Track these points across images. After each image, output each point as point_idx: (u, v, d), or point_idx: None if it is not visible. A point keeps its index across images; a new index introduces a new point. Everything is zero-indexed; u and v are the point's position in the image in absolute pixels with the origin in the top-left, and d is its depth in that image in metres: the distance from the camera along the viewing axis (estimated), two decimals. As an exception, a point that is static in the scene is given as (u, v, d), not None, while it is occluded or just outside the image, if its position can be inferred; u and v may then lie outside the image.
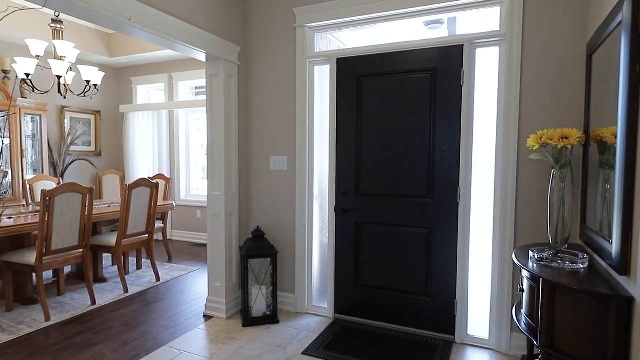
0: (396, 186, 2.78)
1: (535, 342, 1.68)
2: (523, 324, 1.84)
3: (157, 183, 3.83)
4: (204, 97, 5.57)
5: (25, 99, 4.63)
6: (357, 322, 2.94)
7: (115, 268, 4.20)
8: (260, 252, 2.89)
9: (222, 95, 2.95)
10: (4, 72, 4.64)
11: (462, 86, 2.54)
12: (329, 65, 2.96)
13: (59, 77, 3.47)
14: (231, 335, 2.72)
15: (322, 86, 3.09)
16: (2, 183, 4.54)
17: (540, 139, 2.00)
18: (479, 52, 2.55)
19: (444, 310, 2.69)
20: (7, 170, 4.59)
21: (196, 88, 5.87)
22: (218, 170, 3.01)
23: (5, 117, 4.49)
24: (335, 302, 3.02)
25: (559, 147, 1.93)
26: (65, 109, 5.44)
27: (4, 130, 4.52)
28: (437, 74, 2.61)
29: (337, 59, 2.90)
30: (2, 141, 4.41)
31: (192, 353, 2.49)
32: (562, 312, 1.56)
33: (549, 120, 2.34)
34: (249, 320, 2.90)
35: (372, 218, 2.87)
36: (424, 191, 2.69)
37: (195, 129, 5.89)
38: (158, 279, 3.89)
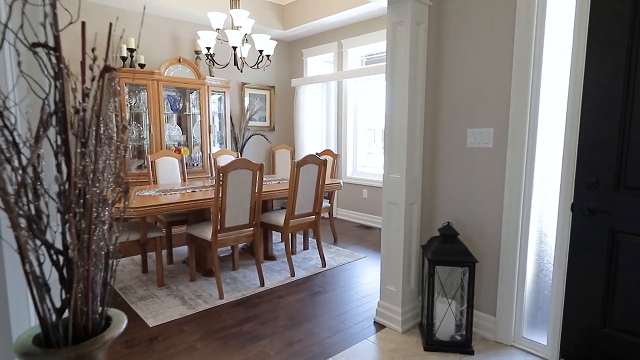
0: None
1: None
2: None
3: (325, 160, 3.46)
4: (374, 65, 4.98)
5: (212, 77, 4.90)
6: (601, 380, 1.94)
7: (284, 245, 4.12)
8: (452, 259, 2.16)
9: (407, 49, 2.25)
10: (196, 52, 5.00)
11: None
12: (575, -14, 1.91)
13: (234, 48, 3.36)
14: (411, 361, 2.12)
15: (554, 23, 2.06)
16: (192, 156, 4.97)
17: None
18: None
19: None
20: (198, 143, 5.01)
21: (367, 56, 5.34)
22: (398, 147, 2.37)
23: (197, 94, 4.85)
24: (562, 341, 2.07)
25: None
26: (245, 85, 5.67)
27: (197, 107, 4.91)
28: None
29: (596, -29, 1.82)
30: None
31: (363, 377, 1.99)
32: None
33: None
34: (432, 342, 2.23)
35: (645, 227, 1.78)
36: None
37: (363, 101, 5.41)
38: (324, 264, 3.59)
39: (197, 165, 5.03)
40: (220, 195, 2.79)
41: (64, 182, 0.86)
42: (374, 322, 2.56)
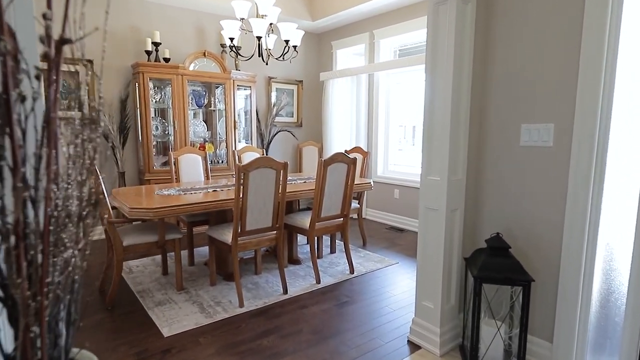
0: None
1: None
2: None
3: (355, 158, 3.19)
4: (410, 57, 4.65)
5: (238, 71, 4.73)
6: None
7: (309, 247, 3.89)
8: (502, 276, 1.85)
9: (452, 32, 1.95)
10: (222, 46, 4.84)
11: None
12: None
13: (259, 39, 3.15)
14: (452, 393, 1.84)
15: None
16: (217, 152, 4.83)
17: None
18: None
19: None
20: (224, 140, 4.86)
21: (399, 48, 5.00)
22: (438, 145, 2.07)
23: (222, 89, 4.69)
24: (637, 380, 1.73)
25: None
26: (272, 79, 5.47)
27: (222, 102, 4.76)
28: None
29: None
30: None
31: (396, 410, 1.72)
32: None
33: None
34: (477, 371, 1.94)
35: None
36: None
37: (396, 96, 5.08)
38: (352, 270, 3.34)
39: (222, 162, 4.89)
40: (241, 196, 2.59)
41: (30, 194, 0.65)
42: (408, 341, 2.28)
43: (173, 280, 3.11)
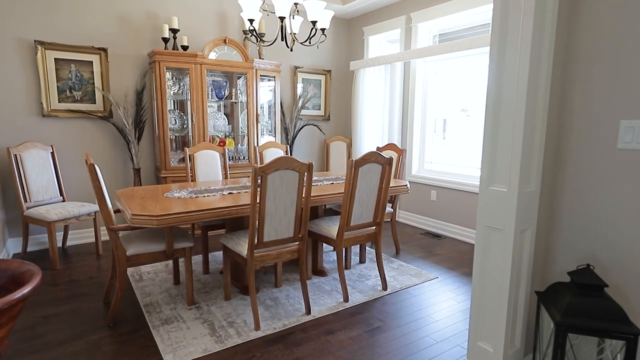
0: None
1: None
2: None
3: (391, 158, 2.75)
4: (459, 40, 4.12)
5: (261, 60, 4.35)
6: None
7: (335, 255, 3.50)
8: (597, 326, 1.39)
9: (530, 5, 1.48)
10: (244, 32, 4.48)
11: None
12: None
13: (282, 19, 2.75)
14: None
15: None
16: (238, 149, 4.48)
17: None
18: None
19: None
20: (245, 134, 4.51)
21: (439, 34, 4.46)
22: (507, 147, 1.61)
23: (244, 79, 4.33)
24: None
25: None
26: (298, 69, 5.06)
27: (243, 93, 4.40)
28: None
29: None
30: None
31: None
32: None
33: None
34: None
35: None
36: None
37: (432, 86, 4.56)
38: (384, 286, 2.91)
39: (244, 158, 4.55)
40: (258, 202, 2.21)
41: None
42: (458, 388, 1.86)
43: (184, 292, 2.80)
